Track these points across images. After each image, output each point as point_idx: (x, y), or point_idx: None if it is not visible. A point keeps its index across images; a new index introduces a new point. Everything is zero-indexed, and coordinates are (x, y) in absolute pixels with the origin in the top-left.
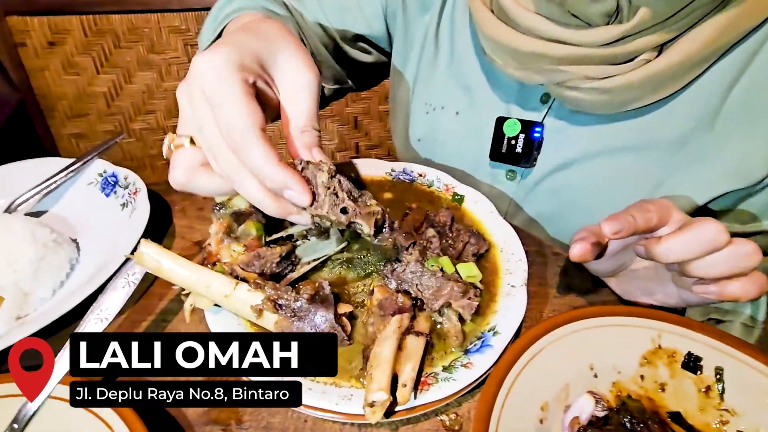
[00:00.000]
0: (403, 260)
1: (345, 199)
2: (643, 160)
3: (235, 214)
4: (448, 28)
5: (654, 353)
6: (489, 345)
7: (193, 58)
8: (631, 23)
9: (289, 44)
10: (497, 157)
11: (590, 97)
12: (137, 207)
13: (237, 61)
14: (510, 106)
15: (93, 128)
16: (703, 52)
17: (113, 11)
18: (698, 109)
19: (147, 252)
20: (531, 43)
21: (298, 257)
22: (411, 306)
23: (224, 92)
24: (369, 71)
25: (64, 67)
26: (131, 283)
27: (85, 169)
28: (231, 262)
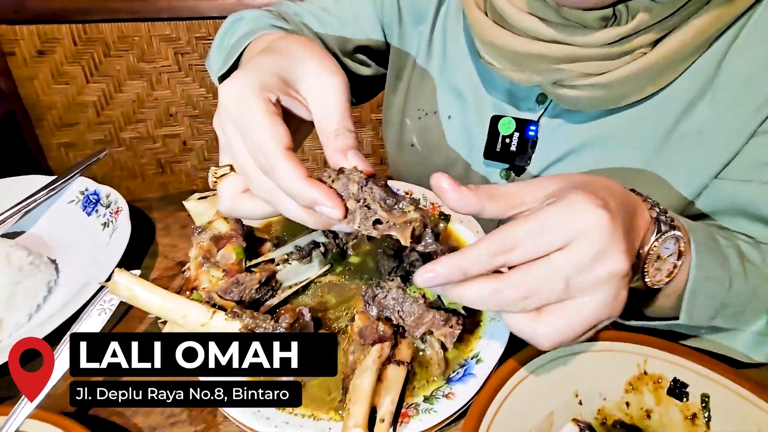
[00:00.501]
0: (384, 286)
1: (378, 210)
2: (634, 149)
3: (215, 237)
4: (441, 36)
5: (640, 379)
6: (472, 374)
7: (219, 88)
8: (630, 25)
9: (312, 54)
10: (492, 156)
11: (588, 94)
12: (118, 227)
13: (257, 83)
14: (504, 109)
15: (83, 138)
16: (697, 41)
17: (103, 20)
18: (688, 93)
19: (121, 281)
20: (529, 45)
21: (279, 282)
22: (392, 335)
23: (247, 116)
24: (367, 84)
25: (53, 76)
26: (107, 310)
27: (67, 187)
28: (209, 289)
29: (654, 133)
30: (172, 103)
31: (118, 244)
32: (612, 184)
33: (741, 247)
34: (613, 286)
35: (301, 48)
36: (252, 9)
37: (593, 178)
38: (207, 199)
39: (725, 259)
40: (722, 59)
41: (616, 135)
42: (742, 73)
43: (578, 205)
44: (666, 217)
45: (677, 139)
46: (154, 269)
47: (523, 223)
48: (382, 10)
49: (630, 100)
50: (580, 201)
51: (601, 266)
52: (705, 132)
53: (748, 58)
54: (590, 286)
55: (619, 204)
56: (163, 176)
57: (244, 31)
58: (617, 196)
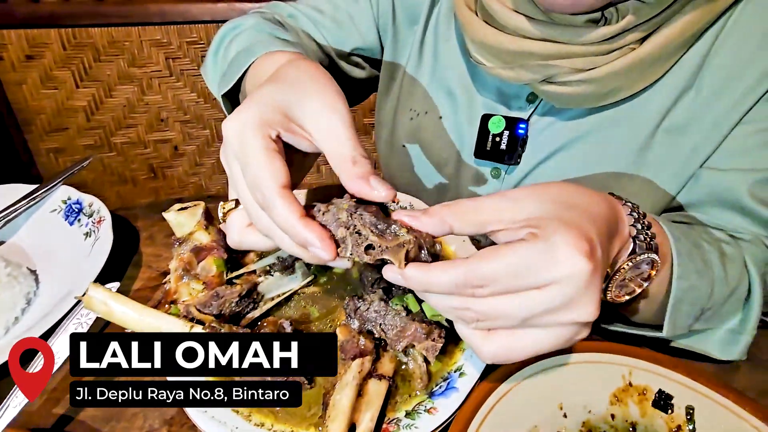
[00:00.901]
0: (367, 298)
1: (369, 236)
2: (623, 145)
3: (196, 249)
4: (433, 37)
5: (625, 391)
6: (454, 387)
7: (223, 123)
8: (619, 25)
9: (318, 86)
10: (482, 155)
11: (578, 90)
12: (100, 237)
13: (258, 119)
14: (495, 108)
15: (72, 143)
16: (683, 37)
17: (93, 24)
18: (675, 88)
19: (95, 296)
20: (519, 42)
21: (260, 294)
22: (373, 349)
23: (247, 152)
24: (361, 87)
25: (42, 80)
26: (84, 324)
27: (49, 196)
28: (188, 302)
29: (642, 129)
30: (164, 108)
31: (100, 255)
32: (594, 205)
33: (723, 248)
34: (572, 331)
35: (308, 79)
36: (248, 16)
37: (575, 197)
38: (187, 210)
39: (708, 266)
40: (707, 53)
41: (605, 132)
42: (726, 67)
43: (562, 250)
44: (645, 235)
45: (664, 133)
46: (137, 279)
47: (499, 261)
48: (377, 11)
49: (620, 97)
50: (565, 246)
51: (569, 313)
52: (689, 125)
53: (731, 52)
54: (550, 325)
55: (601, 234)
56: (154, 181)
57: (243, 45)
58: (599, 220)
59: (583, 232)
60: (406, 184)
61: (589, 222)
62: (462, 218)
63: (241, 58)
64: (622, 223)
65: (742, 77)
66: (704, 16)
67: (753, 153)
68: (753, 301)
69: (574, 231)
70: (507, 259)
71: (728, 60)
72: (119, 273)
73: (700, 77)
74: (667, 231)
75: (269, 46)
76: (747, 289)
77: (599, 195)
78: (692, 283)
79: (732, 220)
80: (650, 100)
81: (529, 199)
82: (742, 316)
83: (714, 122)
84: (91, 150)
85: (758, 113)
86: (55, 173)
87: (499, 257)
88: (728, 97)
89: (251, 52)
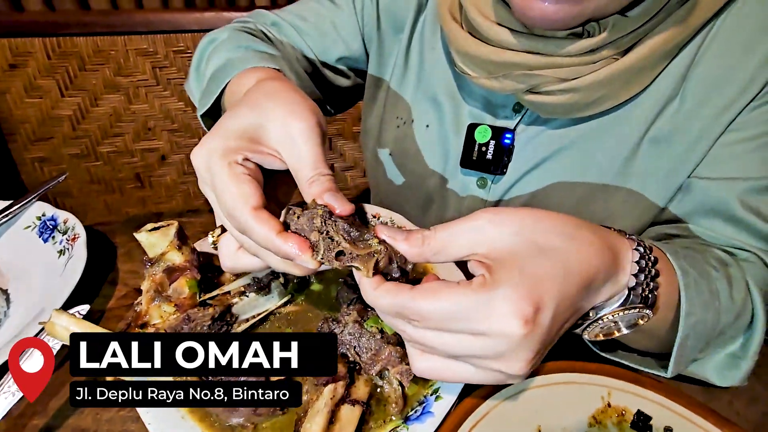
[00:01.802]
0: (341, 320)
1: (341, 242)
2: (609, 155)
3: (169, 269)
4: (418, 45)
5: (604, 412)
6: (430, 412)
7: (191, 155)
8: (601, 37)
9: (278, 103)
10: (468, 164)
11: (563, 99)
12: (74, 255)
13: (221, 148)
14: (482, 118)
15: (58, 152)
16: (666, 48)
17: (77, 33)
18: (660, 99)
19: (59, 323)
20: (502, 54)
21: (234, 315)
22: (346, 374)
23: (215, 182)
24: (346, 95)
25: (26, 89)
26: (52, 349)
27: (23, 212)
28: (159, 326)
29: (627, 139)
30: (150, 117)
31: (73, 274)
32: (579, 254)
33: (729, 272)
34: (502, 377)
35: (271, 101)
36: (224, 28)
37: (559, 240)
38: (160, 230)
39: (715, 296)
40: (690, 64)
41: (591, 142)
42: (709, 77)
43: (500, 308)
44: (646, 286)
45: (649, 143)
46: (113, 298)
47: (437, 303)
48: (362, 19)
49: (605, 106)
50: (504, 304)
51: (497, 364)
52: (674, 134)
53: (714, 62)
54: (479, 366)
55: (564, 293)
56: (141, 191)
57: (219, 62)
58: (572, 274)
59: (533, 292)
60: (393, 193)
61: (553, 278)
62: (438, 253)
63: (217, 77)
64: (621, 271)
65: (725, 87)
66: (684, 29)
67: (740, 161)
68: (756, 326)
69: (521, 290)
70: (445, 303)
71: (711, 70)
72: (94, 290)
73: (683, 87)
74: (674, 263)
75: (244, 63)
76: (750, 313)
77: (600, 239)
78: (699, 318)
79: (724, 230)
80: (635, 110)
81: (508, 229)
82: (744, 340)
83: (699, 132)
84: (77, 159)
85: (743, 122)
86: (32, 188)
87: (438, 299)
88: (712, 106)
89: (226, 72)
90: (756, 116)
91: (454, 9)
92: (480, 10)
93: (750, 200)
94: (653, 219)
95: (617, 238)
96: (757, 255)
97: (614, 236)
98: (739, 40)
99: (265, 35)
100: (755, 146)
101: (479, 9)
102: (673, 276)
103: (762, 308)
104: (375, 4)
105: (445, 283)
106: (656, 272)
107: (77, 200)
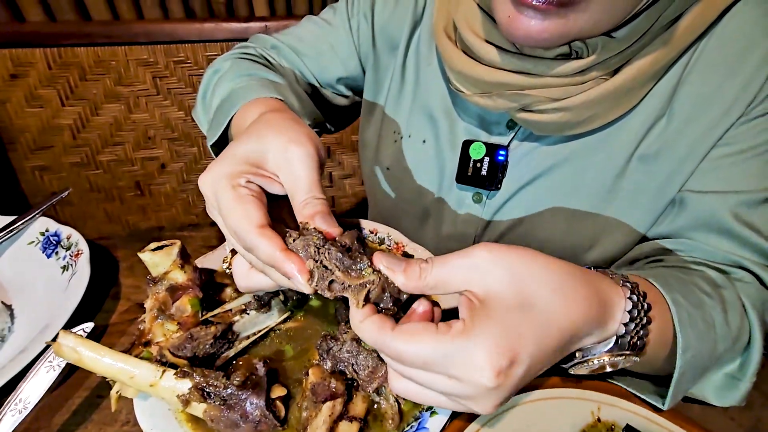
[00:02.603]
0: (339, 338)
1: (335, 271)
2: (600, 172)
3: (172, 288)
4: (414, 61)
5: (594, 426)
6: (425, 428)
7: (198, 181)
8: (590, 59)
9: (279, 131)
10: (463, 180)
11: (554, 118)
12: (77, 271)
13: (226, 173)
14: (476, 134)
15: (58, 160)
16: (653, 69)
17: (78, 44)
18: (648, 117)
19: (65, 344)
20: (494, 74)
21: (236, 333)
22: (344, 391)
23: (221, 204)
24: (346, 113)
25: (27, 99)
26: (56, 367)
27: (27, 228)
28: (162, 344)
29: (617, 156)
30: (151, 126)
31: (77, 290)
32: (564, 308)
33: (723, 295)
34: (468, 410)
35: (271, 129)
36: (226, 57)
37: (544, 294)
38: (163, 250)
39: (711, 326)
40: (677, 83)
41: (583, 159)
42: (695, 96)
43: (474, 357)
44: (635, 334)
45: (638, 161)
46: (115, 313)
47: (415, 346)
48: (358, 38)
49: (595, 125)
50: (479, 354)
51: (466, 401)
52: (663, 152)
53: (699, 81)
54: (449, 399)
55: (543, 348)
56: (141, 199)
57: (224, 92)
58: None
59: (510, 347)
60: (391, 206)
61: (532, 335)
62: (434, 288)
63: (224, 109)
64: (611, 320)
65: (711, 106)
66: (671, 50)
67: (729, 175)
68: (753, 346)
69: (499, 344)
70: (423, 348)
71: (697, 90)
72: (97, 305)
73: (671, 106)
74: (667, 296)
75: (247, 93)
76: (748, 335)
77: (591, 291)
78: (695, 351)
79: (720, 244)
80: (624, 128)
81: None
82: (742, 360)
83: (687, 150)
84: (77, 168)
85: (733, 136)
86: (32, 197)
87: (416, 343)
88: (699, 125)
89: (231, 104)
90: (743, 131)
91: (449, 27)
92: (472, 29)
93: (742, 214)
94: (644, 234)
95: (610, 287)
96: (752, 272)
97: (608, 285)
98: (723, 60)
99: (266, 59)
100: (743, 159)
101: (471, 28)
102: (667, 313)
103: (759, 329)
104: (370, 24)
105: (425, 326)
106: (648, 320)
107: (77, 208)
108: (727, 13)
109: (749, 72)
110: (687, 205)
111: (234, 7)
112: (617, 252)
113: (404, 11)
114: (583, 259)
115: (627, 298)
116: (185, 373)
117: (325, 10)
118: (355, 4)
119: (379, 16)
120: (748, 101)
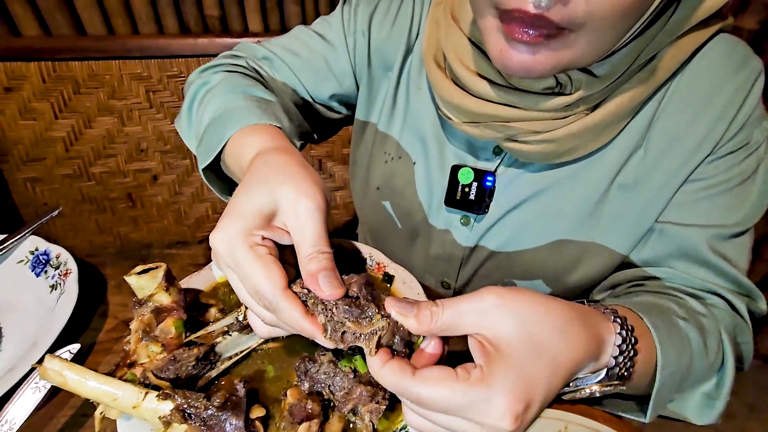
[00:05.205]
0: (317, 360)
1: (345, 322)
2: (582, 198)
3: (157, 310)
4: (405, 85)
5: None
6: None
7: (210, 237)
8: (574, 96)
9: (287, 180)
10: (452, 203)
11: (539, 148)
12: (66, 290)
13: (242, 231)
14: (464, 158)
15: (51, 172)
16: (631, 104)
17: (73, 58)
18: (626, 148)
19: (51, 367)
20: (482, 106)
21: (218, 354)
22: (320, 411)
23: (241, 265)
24: (334, 125)
25: (20, 112)
26: (41, 388)
27: (16, 247)
28: (146, 365)
29: (598, 184)
30: (143, 139)
31: (64, 310)
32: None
33: (701, 321)
34: None
35: (278, 175)
36: (216, 68)
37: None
38: (149, 273)
39: (686, 344)
40: (653, 117)
41: (566, 186)
42: (669, 131)
43: (497, 407)
44: (623, 365)
45: (617, 189)
46: (102, 331)
47: (436, 391)
48: (354, 57)
49: (577, 155)
50: (499, 403)
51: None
52: (639, 182)
53: (673, 116)
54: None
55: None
56: (133, 210)
57: (215, 110)
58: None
59: (526, 394)
60: (380, 224)
61: (544, 378)
62: (445, 331)
63: (216, 128)
64: (603, 353)
65: (683, 141)
66: (647, 88)
67: (705, 208)
68: (727, 367)
69: (516, 392)
70: (444, 394)
71: (670, 124)
72: (84, 322)
73: (647, 139)
74: (646, 318)
75: (242, 116)
76: (722, 357)
77: (589, 331)
78: (673, 369)
79: (697, 273)
80: (604, 158)
81: (510, 319)
82: (717, 380)
83: (662, 181)
84: (69, 179)
85: (703, 172)
86: (23, 208)
87: (437, 389)
88: (672, 159)
89: (225, 126)
90: (713, 167)
91: (439, 57)
92: (462, 61)
93: (717, 246)
94: (623, 260)
95: (603, 324)
96: (724, 298)
97: (600, 321)
98: (694, 99)
99: (257, 71)
100: (715, 193)
101: (461, 59)
102: (651, 343)
103: (731, 350)
104: (367, 43)
105: (446, 374)
106: (635, 351)
107: (69, 220)
108: (698, 53)
109: (716, 113)
110: (667, 235)
111: (228, 22)
112: (598, 274)
113: (400, 33)
114: (566, 280)
115: (617, 334)
116: (167, 395)
117: (317, 22)
118: (352, 21)
119: (376, 35)
120: (716, 140)
